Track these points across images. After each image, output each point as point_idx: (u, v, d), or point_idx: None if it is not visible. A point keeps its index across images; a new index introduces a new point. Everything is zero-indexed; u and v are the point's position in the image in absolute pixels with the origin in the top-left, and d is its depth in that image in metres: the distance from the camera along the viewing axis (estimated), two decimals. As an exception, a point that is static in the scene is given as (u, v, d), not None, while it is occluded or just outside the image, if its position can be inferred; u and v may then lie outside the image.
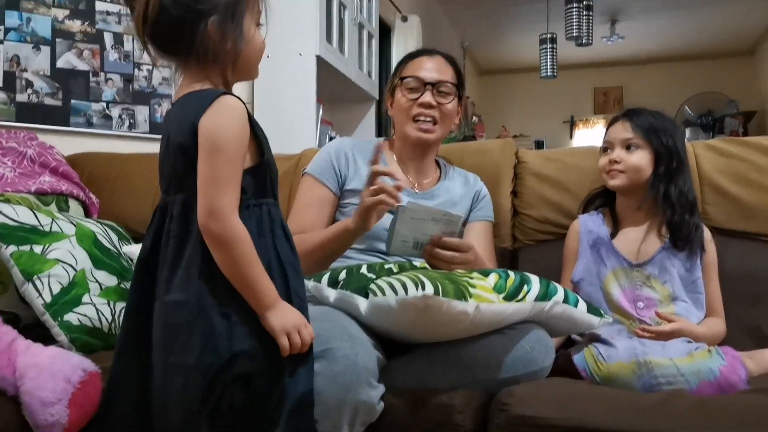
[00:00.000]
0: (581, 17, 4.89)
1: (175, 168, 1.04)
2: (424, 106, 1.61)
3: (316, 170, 1.62)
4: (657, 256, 1.54)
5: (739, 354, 1.30)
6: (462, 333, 1.24)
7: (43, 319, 1.44)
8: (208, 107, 1.00)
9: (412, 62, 1.67)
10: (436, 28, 6.38)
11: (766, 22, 7.32)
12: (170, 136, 1.05)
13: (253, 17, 1.10)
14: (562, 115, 9.22)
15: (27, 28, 2.23)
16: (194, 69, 1.07)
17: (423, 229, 1.37)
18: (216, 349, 0.98)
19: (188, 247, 1.01)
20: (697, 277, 1.54)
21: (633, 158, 1.55)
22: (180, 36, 1.03)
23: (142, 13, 1.02)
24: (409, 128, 1.63)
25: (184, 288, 1.00)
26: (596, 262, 1.58)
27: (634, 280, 1.54)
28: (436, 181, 1.72)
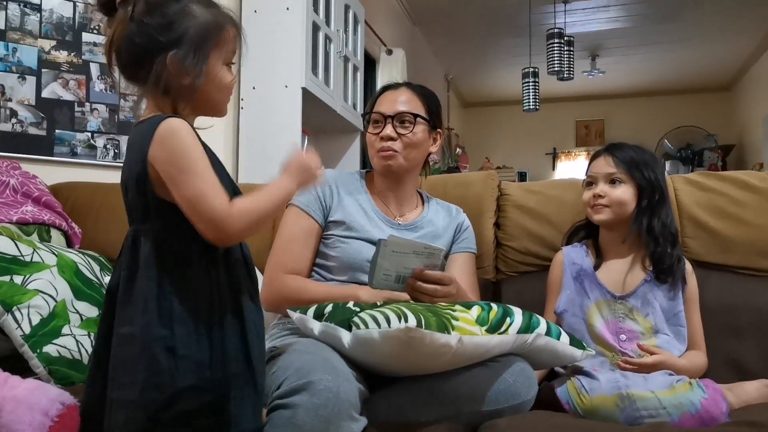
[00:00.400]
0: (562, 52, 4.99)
1: (126, 199, 1.05)
2: (385, 138, 1.62)
3: (302, 201, 1.63)
4: (640, 288, 1.55)
5: (720, 387, 1.31)
6: (445, 365, 1.24)
7: (22, 351, 1.42)
8: (153, 137, 1.00)
9: (378, 98, 1.69)
10: (421, 61, 6.47)
11: (743, 59, 7.51)
12: (124, 167, 1.06)
13: (222, 56, 1.09)
14: (545, 147, 9.34)
15: (13, 58, 2.24)
16: (153, 98, 1.07)
17: (405, 262, 1.38)
18: (158, 385, 0.97)
19: (137, 279, 1.01)
20: (678, 310, 1.55)
21: (617, 192, 1.57)
22: (139, 64, 1.03)
23: (111, 37, 1.04)
24: (375, 160, 1.66)
25: (132, 321, 0.99)
26: (579, 294, 1.59)
27: (617, 312, 1.55)
28: (419, 213, 1.73)
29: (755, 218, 1.72)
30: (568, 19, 5.66)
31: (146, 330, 0.98)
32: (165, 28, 1.03)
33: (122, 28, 1.02)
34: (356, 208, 1.63)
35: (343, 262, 1.57)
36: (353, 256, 1.56)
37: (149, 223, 1.03)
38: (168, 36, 1.03)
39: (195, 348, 1.00)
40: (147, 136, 1.00)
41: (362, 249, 1.56)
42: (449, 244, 1.70)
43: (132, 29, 1.02)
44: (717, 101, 8.61)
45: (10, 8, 2.24)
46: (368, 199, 1.66)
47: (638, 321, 1.54)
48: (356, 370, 1.24)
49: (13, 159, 2.05)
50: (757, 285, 1.70)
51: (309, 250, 1.60)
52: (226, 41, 1.10)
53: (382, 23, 4.99)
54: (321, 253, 1.61)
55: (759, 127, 7.27)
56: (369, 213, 1.63)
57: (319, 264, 1.61)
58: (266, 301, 1.56)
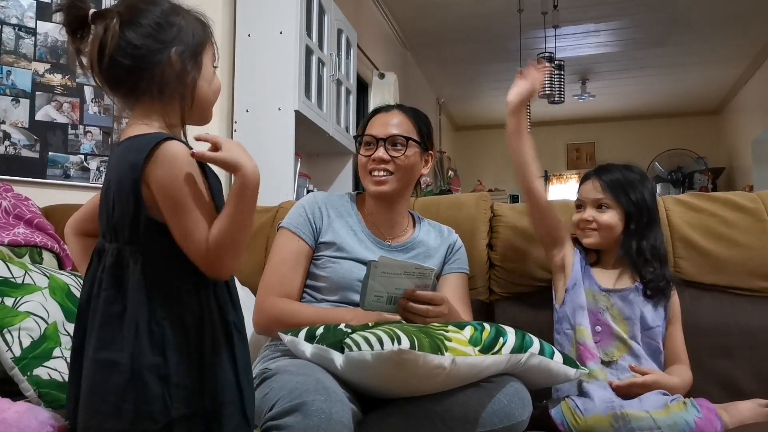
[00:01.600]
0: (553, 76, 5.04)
1: (111, 216, 0.99)
2: (377, 161, 1.63)
3: (292, 224, 1.63)
4: (626, 290, 1.57)
5: (714, 406, 1.31)
6: (439, 386, 1.23)
7: (12, 374, 1.40)
8: (150, 156, 0.95)
9: (370, 120, 1.70)
10: (413, 85, 6.52)
11: (732, 83, 7.61)
12: (110, 182, 1.01)
13: (210, 56, 1.09)
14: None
15: (7, 81, 2.24)
16: (144, 106, 1.03)
17: (395, 283, 1.37)
18: (151, 414, 0.93)
19: (126, 302, 0.96)
20: (657, 324, 1.56)
21: (604, 217, 1.59)
22: (143, 67, 1.00)
23: (98, 46, 0.99)
24: (366, 183, 1.66)
25: (116, 346, 0.94)
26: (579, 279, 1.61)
27: (599, 302, 1.57)
28: (410, 234, 1.73)
29: (746, 239, 1.73)
30: (559, 44, 5.74)
31: (137, 357, 0.94)
32: (161, 27, 1.01)
33: (114, 38, 0.98)
34: (346, 230, 1.63)
35: (333, 282, 1.57)
36: (344, 276, 1.56)
37: (138, 244, 0.98)
38: (166, 33, 1.01)
39: (188, 376, 0.96)
40: (142, 153, 0.96)
41: (353, 269, 1.56)
42: (441, 264, 1.70)
43: (127, 35, 0.99)
44: (706, 124, 8.70)
45: (5, 31, 2.26)
46: (359, 221, 1.66)
47: (617, 319, 1.55)
48: (349, 391, 1.24)
49: (5, 181, 2.05)
50: (748, 305, 1.71)
51: (299, 272, 1.60)
52: (210, 41, 1.09)
53: (374, 48, 5.04)
54: (311, 274, 1.61)
55: (748, 149, 7.35)
56: (359, 234, 1.64)
57: (310, 285, 1.61)
58: (257, 324, 1.56)
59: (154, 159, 0.96)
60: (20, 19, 2.29)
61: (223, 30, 2.78)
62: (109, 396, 0.93)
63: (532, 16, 5.01)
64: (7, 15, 2.27)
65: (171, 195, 0.95)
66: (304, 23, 2.86)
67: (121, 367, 0.93)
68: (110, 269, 0.98)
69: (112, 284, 0.98)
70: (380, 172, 1.62)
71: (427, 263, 1.65)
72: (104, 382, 0.94)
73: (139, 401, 0.93)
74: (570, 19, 5.57)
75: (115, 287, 0.97)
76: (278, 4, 2.81)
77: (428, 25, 5.91)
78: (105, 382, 0.94)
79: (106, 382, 0.94)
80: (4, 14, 2.26)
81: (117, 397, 0.93)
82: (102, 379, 0.94)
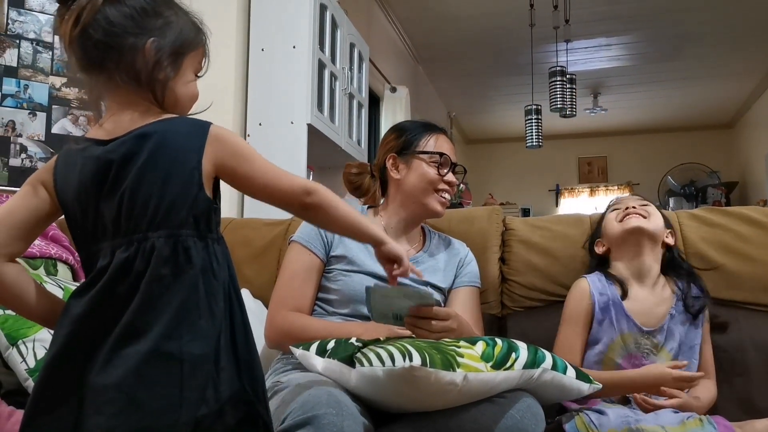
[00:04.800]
0: (565, 90, 5.03)
1: (159, 201, 0.93)
2: (451, 184, 1.69)
3: (304, 237, 1.63)
4: (666, 322, 1.52)
5: (731, 425, 1.29)
6: (451, 402, 1.22)
7: (26, 385, 1.41)
8: (208, 134, 0.97)
9: (435, 136, 1.73)
10: (424, 99, 6.55)
11: (745, 97, 7.58)
12: (147, 167, 0.94)
13: (195, 63, 1.05)
14: (548, 184, 9.37)
15: (24, 94, 2.28)
16: (122, 91, 0.98)
17: (397, 304, 1.35)
18: (206, 399, 0.90)
19: (174, 292, 0.91)
20: (696, 342, 1.54)
21: (651, 209, 1.60)
22: (112, 45, 0.96)
23: (75, 16, 0.95)
24: (432, 200, 1.67)
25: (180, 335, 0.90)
26: (603, 326, 1.54)
27: (642, 347, 1.52)
28: (420, 247, 1.73)
29: (761, 254, 1.72)
30: (570, 58, 5.74)
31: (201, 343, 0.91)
32: (146, 13, 0.98)
33: (92, 10, 0.94)
34: (357, 243, 1.63)
35: (344, 295, 1.57)
36: (355, 289, 1.56)
37: (196, 228, 0.94)
38: (149, 22, 0.98)
39: (231, 356, 0.95)
40: (195, 135, 0.97)
41: (363, 281, 1.56)
42: (451, 278, 1.70)
43: (106, 10, 0.95)
44: (719, 139, 8.66)
45: (23, 46, 2.29)
46: None
47: (662, 357, 1.51)
48: (361, 404, 1.23)
49: (21, 193, 2.07)
50: (764, 321, 1.69)
51: (311, 286, 1.60)
52: (199, 52, 1.06)
53: (386, 62, 5.07)
54: (323, 287, 1.61)
55: (761, 164, 7.30)
56: (370, 248, 1.64)
57: (321, 298, 1.61)
58: (268, 338, 1.56)
59: (214, 138, 0.97)
60: (38, 33, 2.32)
61: (237, 44, 2.80)
62: (169, 388, 0.88)
63: (544, 31, 5.02)
64: (26, 30, 2.30)
65: (242, 153, 0.99)
66: (317, 37, 2.88)
67: (185, 357, 0.89)
68: (157, 258, 0.91)
69: (164, 274, 0.91)
70: (447, 195, 1.69)
71: (437, 276, 1.65)
72: (160, 376, 0.88)
73: (196, 388, 0.89)
74: (581, 33, 5.58)
75: (168, 277, 0.91)
76: (291, 18, 2.83)
77: (440, 40, 5.94)
78: (161, 376, 0.88)
79: (162, 376, 0.88)
80: (22, 29, 2.30)
81: (178, 388, 0.88)
82: (158, 373, 0.88)
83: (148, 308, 0.90)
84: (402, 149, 1.71)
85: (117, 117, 0.98)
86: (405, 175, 1.69)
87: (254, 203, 2.77)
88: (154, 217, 0.93)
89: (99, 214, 0.95)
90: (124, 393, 0.87)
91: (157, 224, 0.93)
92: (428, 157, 1.68)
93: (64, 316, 0.94)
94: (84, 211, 0.96)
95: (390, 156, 1.71)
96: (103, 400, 0.87)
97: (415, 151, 1.69)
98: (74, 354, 0.91)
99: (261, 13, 2.87)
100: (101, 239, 0.95)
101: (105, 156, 0.95)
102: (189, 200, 0.94)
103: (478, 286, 1.74)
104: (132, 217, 0.93)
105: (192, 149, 0.95)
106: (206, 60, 1.08)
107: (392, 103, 4.90)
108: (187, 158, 0.95)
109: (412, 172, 1.68)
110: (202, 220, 0.95)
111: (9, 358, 1.42)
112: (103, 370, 0.89)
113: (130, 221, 0.93)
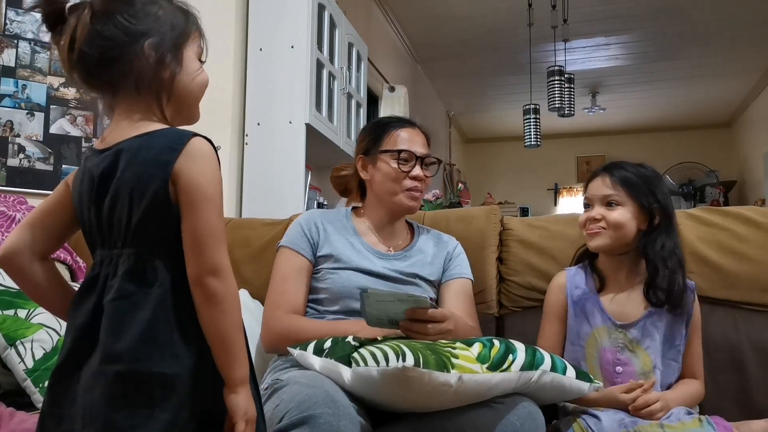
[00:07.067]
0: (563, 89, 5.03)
1: (129, 218, 0.92)
2: (418, 179, 1.65)
3: (291, 241, 1.65)
4: (643, 319, 1.49)
5: (730, 425, 1.30)
6: (447, 403, 1.22)
7: (24, 385, 1.41)
8: (181, 151, 0.91)
9: (398, 133, 1.68)
10: (423, 98, 6.54)
11: (743, 96, 7.58)
12: (121, 182, 0.93)
13: (194, 48, 1.03)
14: (546, 183, 9.37)
15: (22, 95, 2.27)
16: (128, 101, 0.98)
17: (392, 308, 1.35)
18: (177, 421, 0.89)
19: (143, 310, 0.90)
20: (678, 343, 1.50)
21: (614, 215, 1.48)
22: (111, 61, 0.95)
23: (69, 40, 0.94)
24: (401, 198, 1.66)
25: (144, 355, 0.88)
26: (579, 319, 1.53)
27: (617, 341, 1.49)
28: (408, 242, 1.74)
29: (758, 254, 1.72)
30: (569, 57, 5.74)
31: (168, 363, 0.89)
32: (134, 17, 0.96)
33: (83, 31, 0.93)
34: (343, 242, 1.65)
35: (333, 292, 1.58)
36: (343, 285, 1.57)
37: (163, 246, 0.93)
38: (139, 25, 0.96)
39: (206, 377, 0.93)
40: (172, 149, 0.92)
41: (351, 277, 1.58)
42: (440, 271, 1.71)
43: (97, 27, 0.94)
44: (717, 138, 8.67)
45: (21, 46, 2.29)
46: (355, 234, 1.68)
47: (637, 353, 1.49)
48: (359, 404, 1.24)
49: (19, 194, 2.07)
50: (761, 320, 1.69)
51: (303, 286, 1.62)
52: (195, 35, 1.03)
53: (385, 61, 5.07)
54: (312, 288, 1.63)
55: (760, 163, 7.31)
56: (356, 246, 1.65)
57: (312, 299, 1.62)
58: (265, 342, 1.58)
59: (187, 153, 0.92)
60: (36, 33, 2.32)
61: (236, 44, 2.80)
62: (140, 409, 0.87)
63: (542, 30, 5.02)
64: (23, 30, 2.30)
65: (202, 188, 0.92)
66: (315, 37, 2.88)
67: (155, 377, 0.88)
68: (127, 275, 0.92)
69: (129, 292, 0.91)
70: (417, 190, 1.66)
71: (426, 270, 1.66)
72: (131, 396, 0.87)
73: (168, 409, 0.88)
74: (580, 32, 5.58)
75: (132, 295, 0.91)
76: (290, 18, 2.83)
77: (438, 39, 5.94)
78: (132, 396, 0.87)
79: (133, 396, 0.87)
80: (20, 29, 2.30)
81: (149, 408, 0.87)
82: (128, 392, 0.88)
83: (116, 326, 0.90)
84: (367, 150, 1.72)
85: (116, 126, 0.98)
86: (373, 176, 1.70)
87: (253, 203, 2.78)
88: (126, 234, 0.93)
89: (92, 224, 0.97)
90: (101, 413, 0.87)
91: (129, 241, 0.93)
92: (390, 156, 1.66)
93: (68, 324, 0.96)
94: (84, 218, 0.98)
95: (359, 158, 1.73)
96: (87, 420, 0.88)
97: (378, 150, 1.69)
98: (74, 365, 0.92)
99: (259, 12, 2.87)
100: (95, 247, 0.97)
101: (92, 169, 0.97)
102: (157, 217, 0.92)
103: (469, 277, 1.74)
104: (111, 232, 0.94)
105: (160, 165, 0.92)
106: (203, 40, 1.05)
107: (391, 102, 4.90)
108: (153, 175, 0.91)
109: (377, 172, 1.69)
110: (172, 237, 0.92)
111: (7, 358, 1.43)
112: (89, 388, 0.89)
113: (110, 236, 0.94)
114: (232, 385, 0.92)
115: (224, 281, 0.91)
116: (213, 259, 0.91)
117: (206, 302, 0.91)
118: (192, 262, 0.91)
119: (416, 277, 1.64)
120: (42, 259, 1.03)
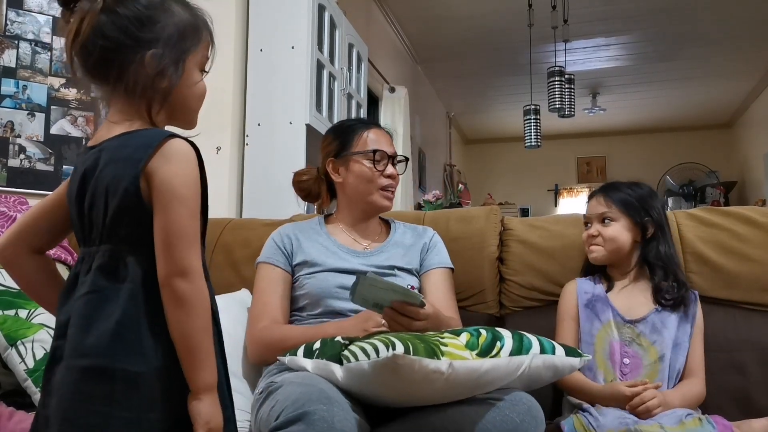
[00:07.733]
0: (563, 90, 5.03)
1: (104, 215, 0.92)
2: (392, 177, 1.71)
3: (266, 256, 1.68)
4: (650, 315, 1.57)
5: (730, 424, 1.30)
6: (440, 393, 1.22)
7: (25, 385, 1.41)
8: (155, 151, 0.91)
9: (366, 134, 1.72)
10: (423, 99, 6.55)
11: (743, 96, 7.59)
12: (98, 180, 0.93)
13: (198, 60, 1.02)
14: (547, 184, 9.38)
15: (23, 95, 2.28)
16: (121, 101, 0.97)
17: (381, 295, 1.38)
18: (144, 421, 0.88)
19: (112, 305, 0.89)
20: (682, 341, 1.55)
21: (609, 231, 1.62)
22: (110, 62, 0.94)
23: (75, 29, 0.93)
24: (376, 197, 1.70)
25: (110, 352, 0.87)
26: (589, 320, 1.60)
27: (624, 335, 1.56)
28: (384, 237, 1.76)
29: (759, 254, 1.72)
30: (569, 58, 5.74)
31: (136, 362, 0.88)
32: (142, 23, 0.95)
33: (91, 19, 0.92)
34: (317, 247, 1.67)
35: (312, 295, 1.60)
36: (321, 287, 1.59)
37: (138, 243, 0.92)
38: (145, 32, 0.95)
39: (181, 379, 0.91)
40: (147, 148, 0.91)
41: (328, 278, 1.60)
42: (417, 260, 1.72)
43: (103, 21, 0.92)
44: (718, 138, 8.67)
45: (22, 47, 2.29)
46: (329, 239, 1.70)
47: (644, 346, 1.54)
48: (354, 402, 1.24)
49: (20, 194, 2.07)
50: (761, 320, 1.70)
51: (283, 298, 1.64)
52: (202, 46, 1.02)
53: (385, 62, 5.07)
54: (293, 297, 1.65)
55: (760, 164, 7.31)
56: (331, 248, 1.68)
57: (294, 308, 1.65)
58: (252, 355, 1.59)
59: (161, 153, 0.92)
60: (36, 34, 2.33)
61: (236, 45, 2.80)
62: (96, 404, 0.86)
63: (543, 31, 5.02)
64: (24, 31, 2.31)
65: (173, 188, 0.91)
66: (315, 38, 2.88)
67: (117, 374, 0.87)
68: (99, 271, 0.92)
69: (101, 287, 0.91)
70: (391, 188, 1.71)
71: (402, 261, 1.69)
72: (92, 392, 0.87)
73: (131, 408, 0.87)
74: (580, 33, 5.59)
75: (102, 290, 0.91)
76: (290, 19, 2.84)
77: (438, 40, 5.94)
78: (92, 392, 0.87)
79: (93, 392, 0.87)
80: (21, 30, 2.30)
81: (108, 406, 0.86)
82: (90, 388, 0.87)
83: (85, 320, 0.90)
84: (338, 152, 1.74)
85: (106, 124, 0.98)
86: (345, 178, 1.72)
87: (253, 204, 2.78)
88: (102, 231, 0.93)
89: (75, 222, 0.98)
90: (63, 410, 0.87)
91: (105, 238, 0.93)
92: (363, 156, 1.70)
93: (55, 322, 0.96)
94: (73, 216, 0.98)
95: (329, 161, 1.75)
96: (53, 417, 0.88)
97: (350, 152, 1.71)
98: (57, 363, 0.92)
99: (259, 13, 2.87)
100: (79, 245, 0.98)
101: (80, 165, 0.97)
102: (129, 215, 0.92)
103: (449, 266, 1.75)
104: (91, 229, 0.94)
105: (132, 163, 0.91)
106: (212, 50, 1.04)
107: (391, 103, 4.90)
108: (126, 173, 0.91)
109: (350, 174, 1.71)
110: (147, 235, 0.91)
111: (8, 358, 1.43)
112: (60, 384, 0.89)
113: (90, 233, 0.95)
114: (196, 391, 0.91)
115: (192, 283, 0.90)
116: (182, 260, 0.90)
117: (173, 303, 0.90)
118: (161, 263, 0.90)
119: (394, 269, 1.66)
120: (37, 253, 1.03)
